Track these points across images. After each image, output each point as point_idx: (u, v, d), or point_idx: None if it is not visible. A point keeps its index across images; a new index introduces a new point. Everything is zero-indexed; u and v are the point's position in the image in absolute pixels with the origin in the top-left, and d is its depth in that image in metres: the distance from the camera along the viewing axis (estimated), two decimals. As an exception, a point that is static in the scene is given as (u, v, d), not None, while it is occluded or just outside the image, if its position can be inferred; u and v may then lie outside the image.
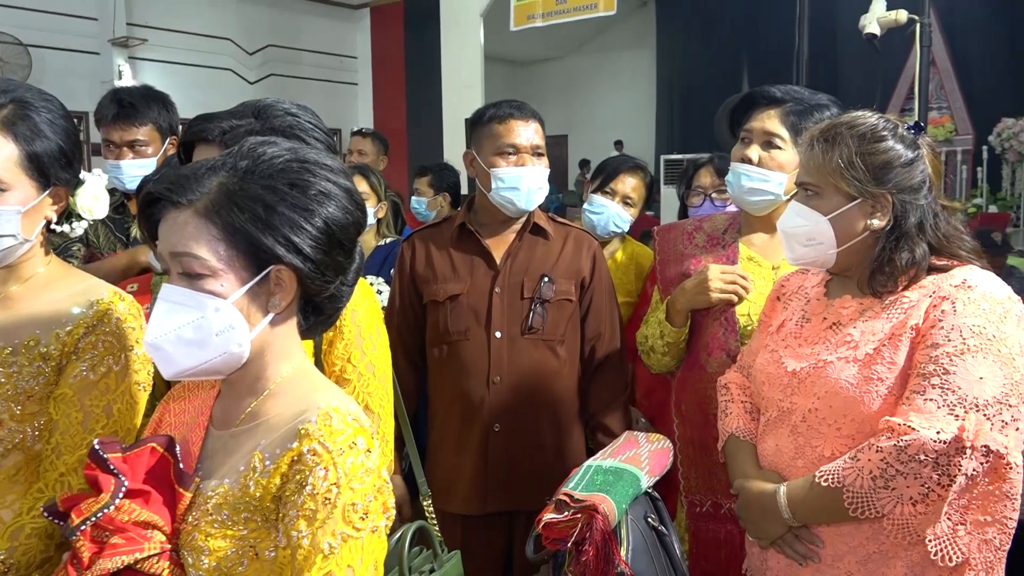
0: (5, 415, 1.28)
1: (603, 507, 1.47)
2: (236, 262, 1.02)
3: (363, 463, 1.00)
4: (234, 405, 1.10)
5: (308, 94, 11.32)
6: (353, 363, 1.49)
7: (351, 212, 1.08)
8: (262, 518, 1.01)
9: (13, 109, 1.29)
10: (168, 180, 1.03)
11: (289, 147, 1.08)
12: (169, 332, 1.02)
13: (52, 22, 8.79)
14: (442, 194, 4.10)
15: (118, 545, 0.99)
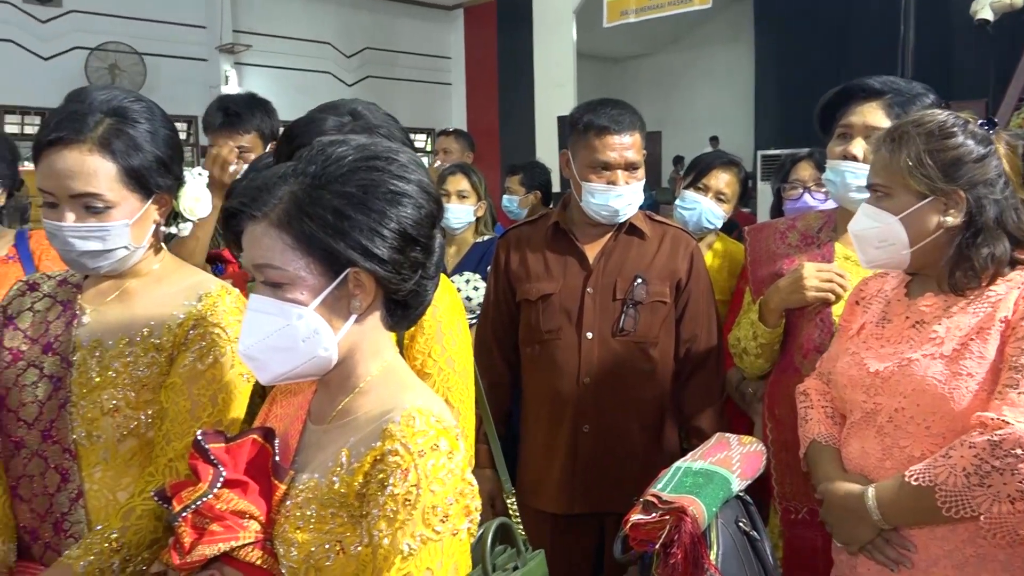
0: (122, 402, 1.35)
1: (692, 509, 1.45)
2: (313, 269, 1.04)
3: (444, 465, 1.00)
4: (328, 402, 1.13)
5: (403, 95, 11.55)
6: (433, 357, 1.50)
7: (424, 207, 1.08)
8: (347, 514, 1.03)
9: (110, 125, 1.34)
10: (243, 194, 1.06)
11: (358, 144, 1.08)
12: (259, 341, 1.06)
13: (164, 31, 9.24)
14: (533, 192, 4.11)
15: (216, 532, 1.04)
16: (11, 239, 2.23)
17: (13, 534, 1.39)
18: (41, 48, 8.48)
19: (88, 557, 1.28)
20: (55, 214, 1.33)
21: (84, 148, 1.31)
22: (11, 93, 8.17)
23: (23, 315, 1.45)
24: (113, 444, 1.36)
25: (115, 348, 1.37)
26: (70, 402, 1.36)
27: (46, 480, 1.36)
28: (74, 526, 1.35)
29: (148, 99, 1.43)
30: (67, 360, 1.38)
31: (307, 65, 10.58)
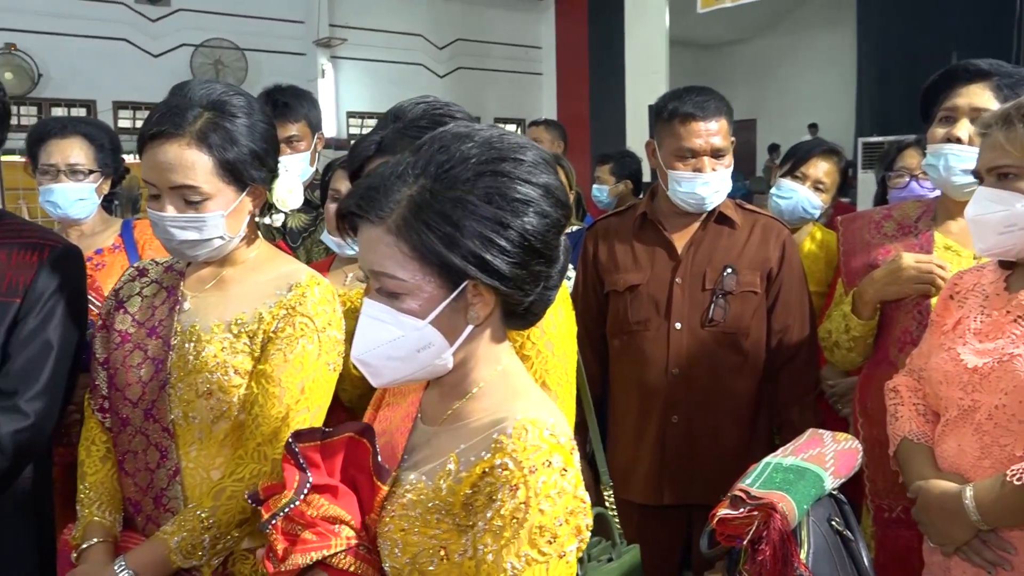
0: (215, 386, 1.40)
1: (781, 506, 1.41)
2: (431, 280, 0.99)
3: (556, 483, 0.94)
4: (439, 403, 1.10)
5: (494, 86, 11.60)
6: (532, 340, 1.49)
7: (550, 215, 1.00)
8: (452, 521, 0.99)
9: (208, 119, 1.38)
10: (358, 195, 1.01)
11: (484, 140, 1.01)
12: (373, 348, 1.03)
13: (265, 27, 9.53)
14: (623, 182, 4.07)
15: (308, 541, 1.02)
16: (118, 229, 2.34)
17: (120, 505, 1.47)
18: (151, 46, 8.88)
19: (181, 533, 1.34)
20: (158, 204, 1.39)
21: (183, 142, 1.36)
22: (125, 89, 8.59)
23: (132, 299, 1.53)
24: (207, 425, 1.41)
25: (211, 333, 1.43)
26: (169, 384, 1.42)
27: (147, 456, 1.43)
28: (172, 501, 1.41)
29: (246, 93, 1.47)
30: (168, 343, 1.44)
31: (400, 58, 10.74)
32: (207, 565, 1.36)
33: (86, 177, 2.26)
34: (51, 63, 8.09)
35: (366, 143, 1.43)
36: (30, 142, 2.30)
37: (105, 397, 1.50)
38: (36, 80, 7.91)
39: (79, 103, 8.25)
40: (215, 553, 1.36)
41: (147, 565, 1.35)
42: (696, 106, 2.03)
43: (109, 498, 1.47)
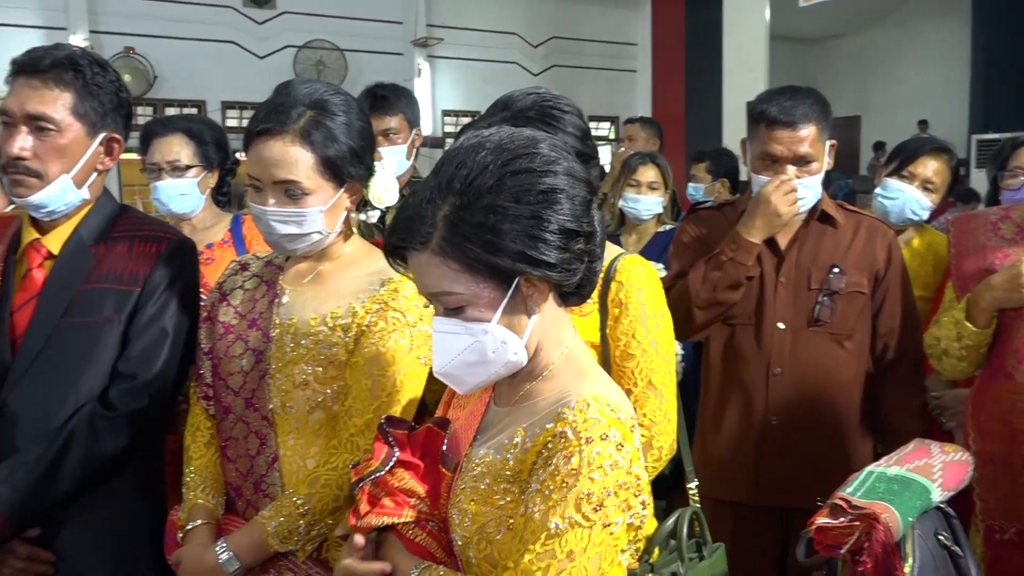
0: (311, 377, 1.45)
1: (884, 517, 1.35)
2: (486, 286, 1.04)
3: (611, 455, 1.00)
4: (512, 386, 1.15)
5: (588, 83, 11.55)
6: (637, 339, 1.51)
7: (577, 195, 1.05)
8: (519, 491, 1.05)
9: (311, 117, 1.42)
10: (398, 230, 1.06)
11: (495, 145, 1.05)
12: (452, 360, 1.08)
13: (364, 28, 9.76)
14: (720, 180, 3.99)
15: (386, 507, 1.13)
16: (228, 223, 2.42)
17: (222, 489, 1.54)
18: (257, 47, 9.22)
19: (278, 518, 1.39)
20: (260, 198, 1.44)
21: (287, 139, 1.41)
22: (232, 90, 8.95)
23: (235, 292, 1.59)
24: (304, 415, 1.45)
25: (307, 326, 1.47)
26: (268, 374, 1.47)
27: (248, 443, 1.49)
28: (270, 487, 1.46)
29: (346, 92, 1.51)
30: (267, 335, 1.49)
31: (495, 56, 10.82)
32: (302, 550, 1.41)
33: (185, 172, 2.33)
34: (165, 66, 8.50)
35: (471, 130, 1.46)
36: (140, 142, 2.41)
37: (209, 386, 1.56)
38: (152, 82, 8.33)
39: (190, 103, 8.65)
40: (310, 539, 1.40)
41: (246, 547, 1.40)
42: (782, 111, 1.96)
43: (212, 482, 1.53)
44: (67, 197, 1.59)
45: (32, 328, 1.56)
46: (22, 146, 1.53)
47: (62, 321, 1.56)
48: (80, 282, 1.59)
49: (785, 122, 1.95)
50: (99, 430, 1.53)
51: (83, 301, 1.58)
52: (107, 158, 1.65)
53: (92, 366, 1.56)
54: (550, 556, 0.98)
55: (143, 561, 1.62)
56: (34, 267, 1.61)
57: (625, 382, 1.52)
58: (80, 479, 1.52)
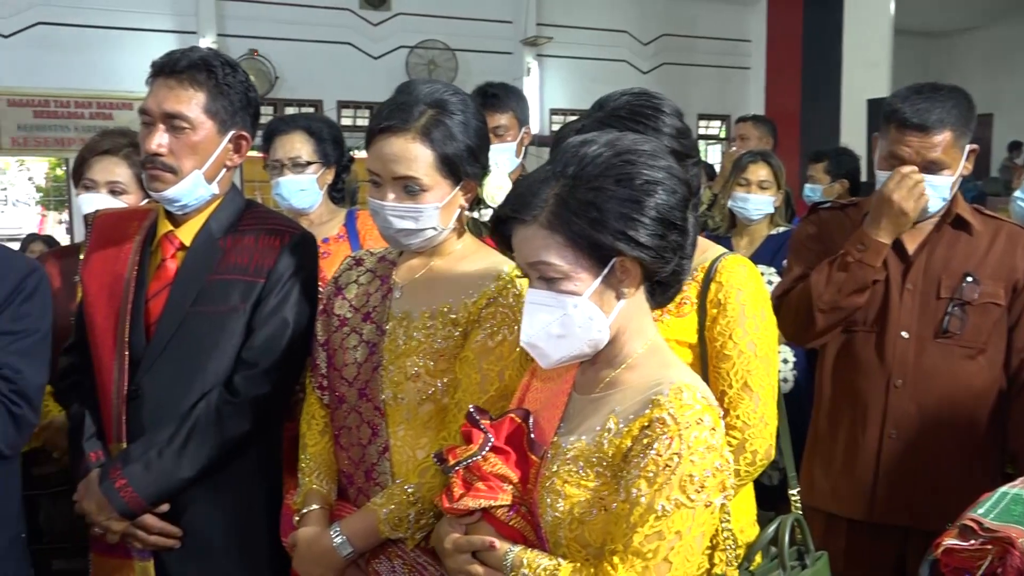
0: (422, 369, 1.48)
1: (1021, 542, 1.27)
2: (583, 262, 1.13)
3: (707, 440, 1.08)
4: (595, 375, 1.22)
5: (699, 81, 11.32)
6: (734, 340, 1.49)
7: (677, 192, 1.14)
8: (611, 474, 1.12)
9: (431, 116, 1.46)
10: (511, 201, 1.18)
11: (607, 141, 1.16)
12: (539, 331, 1.17)
13: (475, 28, 9.87)
14: (839, 181, 3.84)
15: (480, 490, 1.19)
16: (343, 219, 2.50)
17: (335, 476, 1.59)
18: (372, 48, 9.46)
19: (389, 506, 1.43)
20: (379, 193, 1.48)
21: (408, 136, 1.45)
22: (347, 90, 9.22)
23: (350, 286, 1.64)
24: (414, 407, 1.49)
25: (419, 320, 1.50)
26: (381, 366, 1.51)
27: (360, 433, 1.53)
28: (381, 476, 1.50)
29: (464, 92, 1.55)
30: (381, 328, 1.53)
31: (604, 54, 10.74)
32: (411, 538, 1.44)
33: (305, 169, 2.41)
34: (286, 67, 8.83)
35: (568, 128, 1.50)
36: (263, 139, 2.51)
37: (324, 376, 1.61)
38: (273, 82, 8.67)
39: (308, 103, 8.95)
40: (419, 528, 1.43)
41: (358, 532, 1.45)
42: (916, 113, 1.84)
43: (326, 469, 1.59)
44: (198, 192, 1.67)
45: (164, 316, 1.65)
46: (159, 143, 1.62)
47: (192, 310, 1.65)
48: (209, 273, 1.67)
49: (916, 126, 1.84)
50: (224, 415, 1.60)
51: (211, 291, 1.66)
52: (236, 155, 1.73)
53: (219, 353, 1.64)
54: (659, 537, 1.06)
55: (261, 542, 1.69)
56: (168, 258, 1.70)
57: (720, 383, 1.49)
58: (205, 460, 1.60)
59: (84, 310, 1.74)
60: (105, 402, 1.66)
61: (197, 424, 1.59)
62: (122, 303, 1.66)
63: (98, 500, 1.59)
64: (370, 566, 1.47)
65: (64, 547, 1.88)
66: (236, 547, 1.66)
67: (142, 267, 1.70)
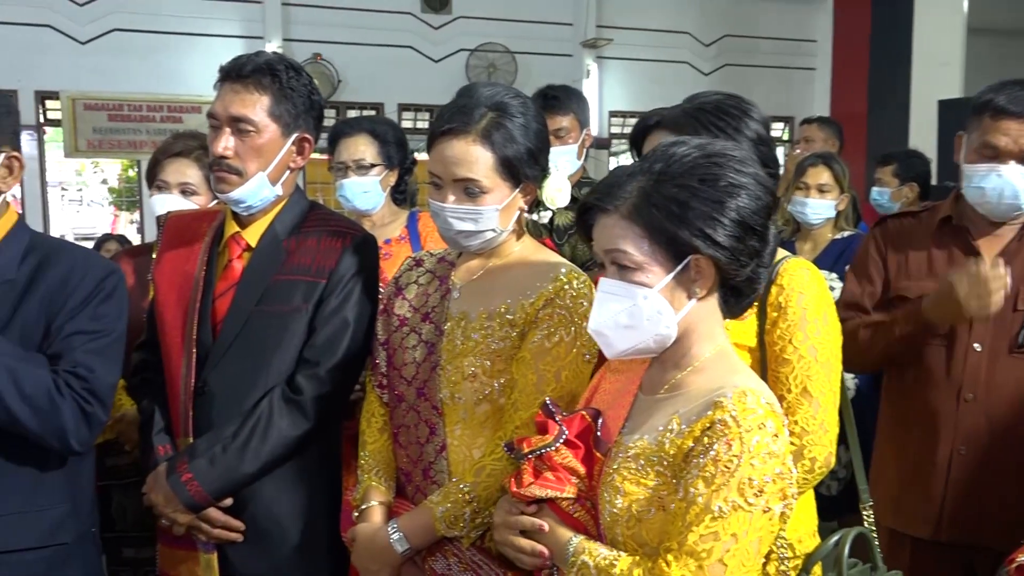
0: (479, 369, 1.49)
1: (1095, 559, 1.22)
2: (659, 255, 1.15)
3: (768, 445, 1.07)
4: (660, 376, 1.23)
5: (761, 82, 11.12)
6: (794, 344, 1.46)
7: (760, 199, 1.15)
8: (671, 474, 1.12)
9: (492, 119, 1.47)
10: (597, 190, 1.21)
11: (698, 144, 1.18)
12: (608, 319, 1.19)
13: (535, 30, 9.88)
14: (908, 184, 3.74)
15: (548, 480, 1.20)
16: (404, 220, 2.53)
17: (393, 473, 1.62)
18: (433, 52, 9.55)
19: (446, 504, 1.44)
20: (439, 195, 1.50)
21: (469, 138, 1.46)
22: (408, 92, 9.32)
23: (410, 287, 1.66)
24: (471, 406, 1.50)
25: (477, 321, 1.52)
26: (439, 365, 1.52)
27: (418, 431, 1.55)
28: (438, 474, 1.52)
29: (524, 95, 1.56)
30: (440, 328, 1.55)
31: (664, 56, 10.64)
32: (467, 537, 1.45)
33: (369, 171, 2.44)
34: (349, 70, 8.97)
35: (653, 113, 1.50)
36: (328, 142, 2.55)
37: (384, 375, 1.64)
38: (336, 86, 8.81)
39: (369, 106, 9.07)
40: (474, 527, 1.45)
41: (415, 529, 1.47)
42: (1013, 101, 1.79)
43: (385, 466, 1.61)
44: (262, 193, 1.71)
45: (230, 314, 1.70)
46: (225, 146, 1.66)
47: (256, 309, 1.69)
48: (273, 273, 1.71)
49: (1015, 113, 1.79)
50: (286, 412, 1.64)
51: (275, 291, 1.70)
52: (299, 157, 1.77)
53: (281, 351, 1.68)
54: (714, 537, 1.06)
55: (321, 536, 1.73)
56: (234, 258, 1.75)
57: (779, 388, 1.47)
58: (268, 456, 1.64)
59: (155, 308, 1.80)
60: (173, 398, 1.72)
61: (259, 421, 1.63)
62: (190, 302, 1.72)
63: (165, 493, 1.64)
64: (426, 563, 1.49)
65: (134, 536, 1.95)
66: (297, 541, 1.70)
67: (210, 267, 1.75)
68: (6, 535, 1.49)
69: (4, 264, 1.54)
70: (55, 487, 1.56)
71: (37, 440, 1.49)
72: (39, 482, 1.53)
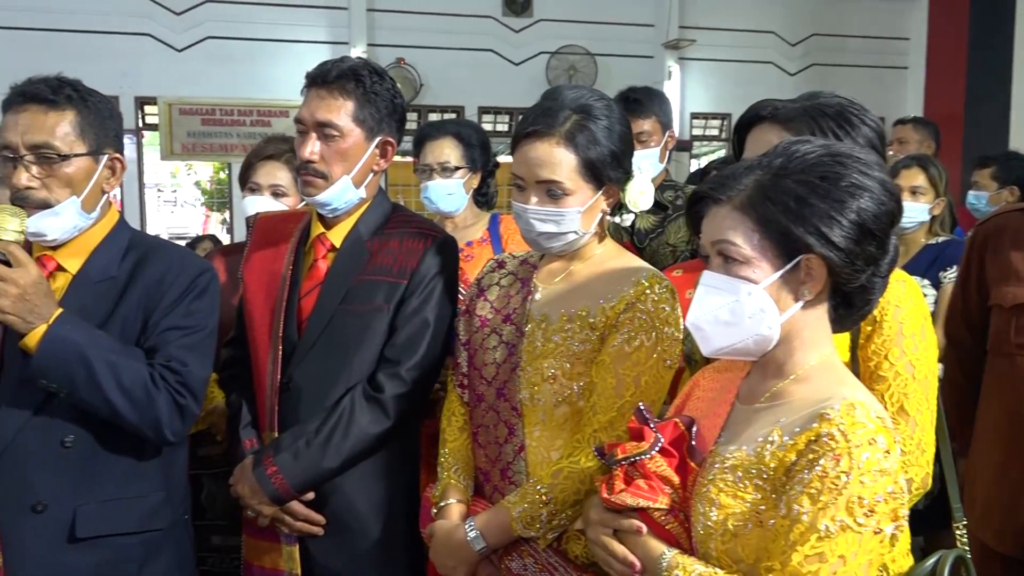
0: (558, 371, 1.49)
1: None
2: (768, 251, 1.09)
3: (879, 462, 1.00)
4: (760, 384, 1.17)
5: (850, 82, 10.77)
6: (890, 360, 1.39)
7: (885, 204, 1.09)
8: (771, 488, 1.06)
9: (576, 121, 1.47)
10: (712, 181, 1.15)
11: (822, 144, 1.13)
12: (707, 313, 1.14)
13: (615, 32, 9.82)
14: (1008, 188, 3.58)
15: (641, 488, 1.16)
16: (486, 222, 2.55)
17: (472, 472, 1.63)
18: (513, 55, 9.60)
19: (523, 504, 1.45)
20: (522, 196, 1.51)
21: (553, 140, 1.47)
22: (488, 96, 9.39)
23: (491, 288, 1.67)
24: (550, 408, 1.50)
25: (557, 323, 1.52)
26: (519, 367, 1.53)
27: (497, 432, 1.56)
28: (516, 475, 1.53)
29: (608, 98, 1.56)
30: (520, 330, 1.56)
31: (748, 56, 10.43)
32: (543, 538, 1.45)
33: (453, 173, 2.47)
34: (431, 74, 9.10)
35: (765, 103, 1.44)
36: (413, 144, 2.59)
37: (465, 375, 1.66)
38: (418, 89, 8.95)
39: (450, 109, 9.18)
40: (551, 528, 1.45)
41: (492, 528, 1.48)
42: None
43: (464, 465, 1.62)
44: (347, 196, 1.75)
45: (315, 313, 1.74)
46: (311, 150, 1.71)
47: (340, 308, 1.73)
48: (356, 273, 1.75)
49: None
50: (367, 410, 1.67)
51: (358, 291, 1.73)
52: (382, 160, 1.80)
53: (363, 350, 1.72)
54: (820, 559, 0.99)
55: (399, 532, 1.76)
56: (319, 258, 1.79)
57: None
58: (349, 452, 1.67)
59: (244, 306, 1.86)
60: (260, 392, 1.77)
61: (341, 417, 1.67)
62: (278, 300, 1.77)
63: (251, 485, 1.69)
64: (503, 562, 1.50)
65: (222, 524, 2.01)
66: (376, 537, 1.73)
67: (296, 266, 1.80)
68: (106, 519, 1.56)
69: (107, 262, 1.62)
70: (151, 476, 1.62)
71: (134, 430, 1.55)
72: (136, 471, 1.60)
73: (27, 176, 1.52)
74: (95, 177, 1.59)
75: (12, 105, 1.55)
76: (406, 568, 1.77)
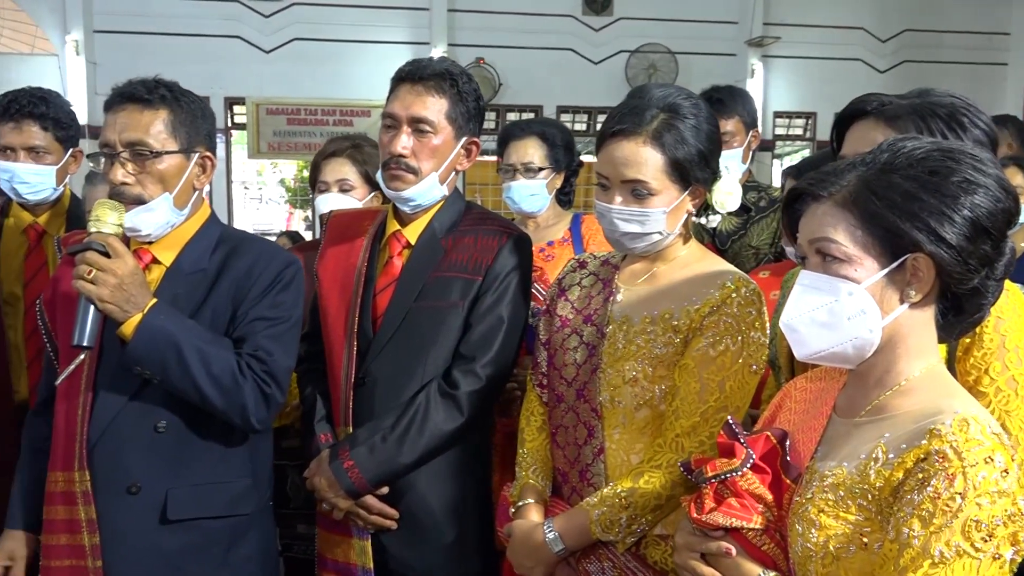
0: (640, 374, 1.47)
1: None
2: (872, 249, 1.03)
3: (997, 482, 0.93)
4: (860, 396, 1.10)
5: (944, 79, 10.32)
6: (991, 375, 1.30)
7: (1001, 201, 1.01)
8: (876, 508, 1.00)
9: (663, 120, 1.45)
10: (811, 177, 1.09)
11: (932, 141, 1.06)
12: (803, 314, 1.07)
13: (697, 30, 9.67)
14: (1114, 189, 3.37)
15: (733, 507, 1.10)
16: (568, 222, 2.53)
17: (550, 473, 1.62)
18: (593, 54, 9.55)
19: (602, 507, 1.43)
20: (606, 196, 1.49)
21: (639, 140, 1.45)
22: (567, 95, 9.38)
23: (572, 288, 1.66)
24: (631, 411, 1.48)
25: (639, 325, 1.50)
26: (600, 368, 1.51)
27: (576, 433, 1.54)
28: (595, 477, 1.51)
29: (697, 97, 1.53)
30: (601, 331, 1.54)
31: (836, 53, 10.14)
32: (622, 542, 1.43)
33: (537, 174, 2.46)
34: (509, 74, 9.13)
35: (870, 97, 1.37)
36: (497, 144, 2.59)
37: (545, 374, 1.65)
38: (497, 89, 8.99)
39: (529, 108, 9.20)
40: (630, 532, 1.43)
41: (570, 530, 1.46)
42: None
43: (542, 465, 1.62)
44: (433, 192, 1.77)
45: (390, 309, 1.76)
46: (404, 145, 1.73)
47: (415, 305, 1.74)
48: (431, 270, 1.76)
49: None
50: (442, 406, 1.68)
51: (433, 287, 1.74)
52: (466, 159, 1.81)
53: (438, 346, 1.73)
54: None
55: (471, 530, 1.76)
56: (395, 255, 1.81)
57: None
58: (424, 448, 1.68)
59: (318, 302, 1.88)
60: (335, 387, 1.79)
61: (417, 413, 1.68)
62: (353, 296, 1.79)
63: (328, 478, 1.71)
64: (580, 565, 1.48)
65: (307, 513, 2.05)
66: (448, 534, 1.73)
67: (371, 263, 1.82)
68: (196, 503, 1.61)
69: (198, 255, 1.67)
70: (238, 462, 1.67)
71: (222, 417, 1.60)
72: (225, 457, 1.65)
73: (123, 172, 1.58)
74: (186, 174, 1.64)
75: (112, 105, 1.62)
76: (479, 566, 1.77)
